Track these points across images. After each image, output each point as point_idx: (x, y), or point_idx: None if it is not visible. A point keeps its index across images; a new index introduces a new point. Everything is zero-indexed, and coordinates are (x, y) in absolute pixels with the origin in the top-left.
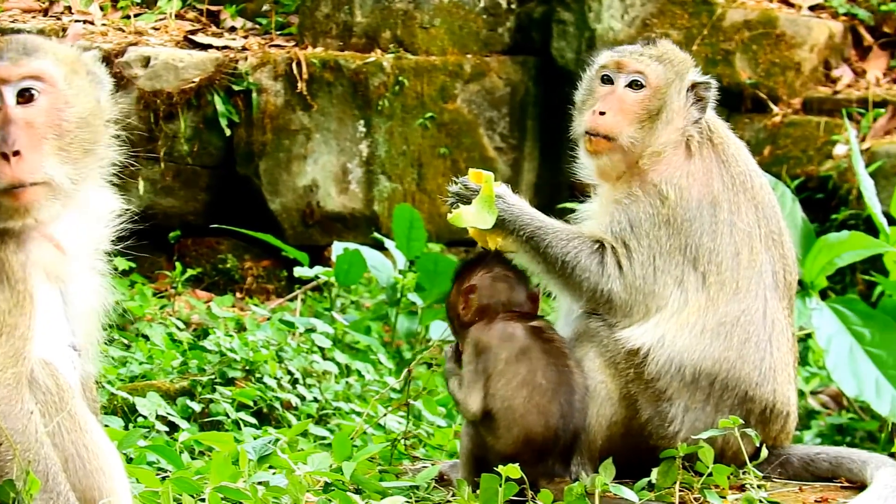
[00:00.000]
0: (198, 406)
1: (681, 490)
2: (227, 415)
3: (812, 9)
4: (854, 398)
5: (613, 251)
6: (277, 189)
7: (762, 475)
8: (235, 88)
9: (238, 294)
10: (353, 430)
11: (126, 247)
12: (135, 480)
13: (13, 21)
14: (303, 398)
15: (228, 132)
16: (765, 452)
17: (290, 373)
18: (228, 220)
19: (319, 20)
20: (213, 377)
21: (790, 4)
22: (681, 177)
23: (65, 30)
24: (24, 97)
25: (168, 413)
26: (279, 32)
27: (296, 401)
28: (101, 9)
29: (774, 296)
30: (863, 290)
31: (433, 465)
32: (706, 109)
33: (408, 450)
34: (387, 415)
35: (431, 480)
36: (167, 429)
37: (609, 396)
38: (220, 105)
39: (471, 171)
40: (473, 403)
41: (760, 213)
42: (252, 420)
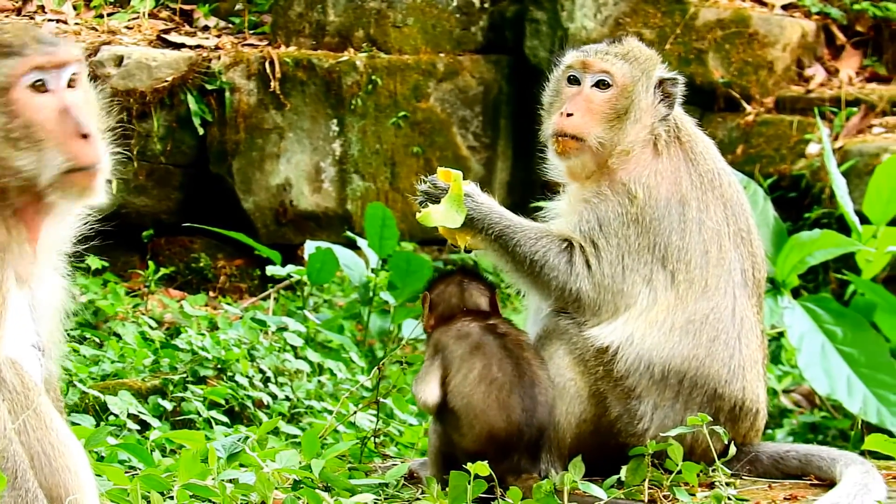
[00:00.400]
0: (169, 405)
1: (650, 488)
2: (199, 413)
3: (785, 8)
4: (826, 396)
5: (582, 250)
6: (250, 188)
7: (731, 473)
8: (208, 87)
9: (211, 293)
10: (323, 428)
11: (99, 245)
12: (104, 478)
13: None
14: (275, 397)
15: (202, 131)
16: (733, 450)
17: (262, 371)
18: (201, 219)
19: (292, 19)
20: (185, 376)
21: (763, 3)
22: (649, 175)
23: None
24: (70, 83)
25: (140, 411)
26: (252, 31)
27: (268, 399)
28: (75, 8)
29: (743, 293)
30: (835, 289)
31: (403, 463)
32: (674, 105)
33: (378, 448)
34: (356, 413)
35: (401, 478)
36: (139, 427)
37: (578, 394)
38: (194, 104)
39: (440, 170)
40: (425, 394)
41: (729, 211)
42: (224, 419)
